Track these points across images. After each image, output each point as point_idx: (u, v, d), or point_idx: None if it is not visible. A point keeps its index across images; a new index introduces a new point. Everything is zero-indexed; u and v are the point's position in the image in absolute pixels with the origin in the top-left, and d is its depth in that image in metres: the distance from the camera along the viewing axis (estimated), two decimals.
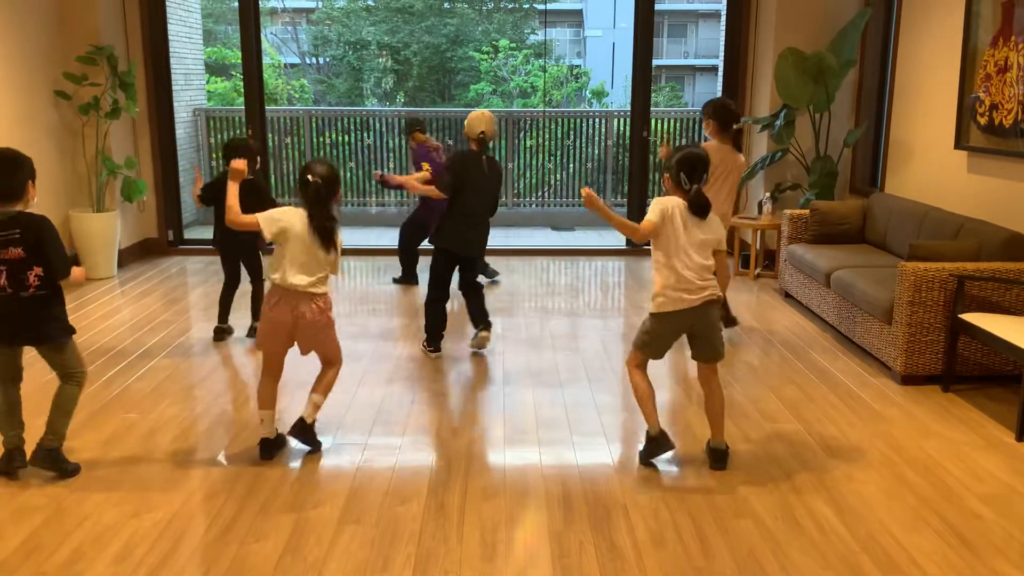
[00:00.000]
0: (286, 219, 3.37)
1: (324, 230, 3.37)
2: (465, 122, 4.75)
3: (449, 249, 4.72)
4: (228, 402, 4.16)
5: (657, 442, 3.44)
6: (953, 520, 3.07)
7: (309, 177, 3.37)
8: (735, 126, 4.77)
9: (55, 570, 2.71)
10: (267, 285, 3.59)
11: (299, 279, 3.37)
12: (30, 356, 3.33)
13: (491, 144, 4.82)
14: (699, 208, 3.30)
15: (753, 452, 3.62)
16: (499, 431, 3.84)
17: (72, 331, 3.34)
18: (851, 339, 5.07)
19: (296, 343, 3.51)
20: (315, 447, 3.60)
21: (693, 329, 3.38)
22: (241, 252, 5.04)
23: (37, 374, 3.87)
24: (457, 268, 4.83)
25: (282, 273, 3.37)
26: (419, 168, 6.13)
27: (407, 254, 6.56)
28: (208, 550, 2.84)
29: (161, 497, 3.19)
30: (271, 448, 3.54)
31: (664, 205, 3.32)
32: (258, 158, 5.15)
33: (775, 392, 4.33)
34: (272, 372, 3.55)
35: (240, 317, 5.25)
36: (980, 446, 3.70)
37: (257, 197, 4.47)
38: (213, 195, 4.79)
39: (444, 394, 4.30)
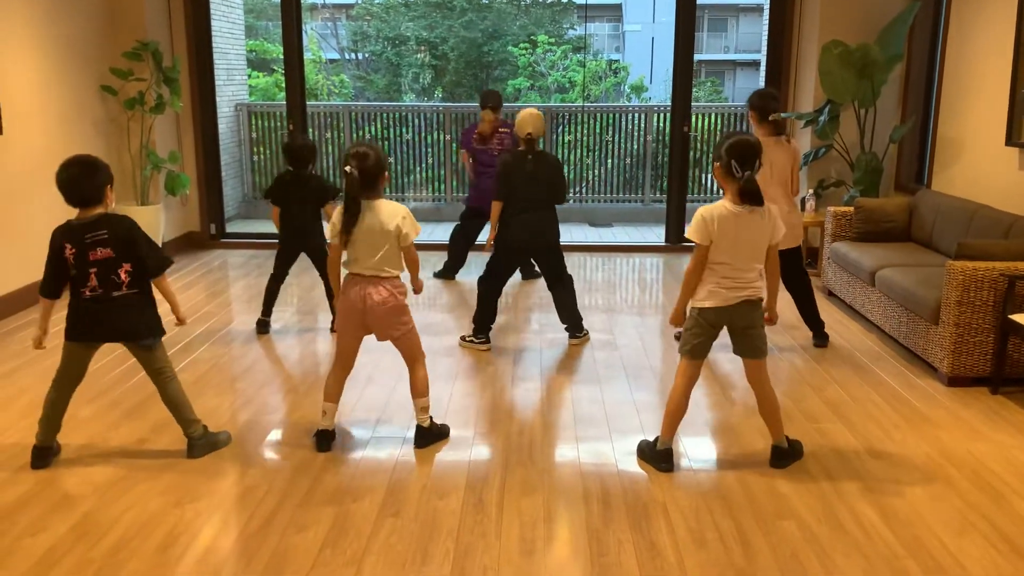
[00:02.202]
0: None
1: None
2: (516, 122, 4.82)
3: (509, 248, 4.83)
4: (270, 394, 4.20)
5: (660, 456, 3.41)
6: (1001, 525, 3.00)
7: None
8: (771, 117, 4.70)
9: (101, 557, 2.76)
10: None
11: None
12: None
13: (540, 141, 4.84)
14: (751, 196, 3.17)
15: None
16: (538, 427, 3.83)
17: (163, 332, 3.43)
18: (896, 339, 4.98)
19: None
20: (444, 434, 3.71)
21: (732, 325, 3.34)
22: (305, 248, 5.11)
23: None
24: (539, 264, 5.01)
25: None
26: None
27: (457, 247, 6.58)
28: (250, 541, 2.86)
29: (203, 488, 3.23)
30: (328, 440, 3.57)
31: (704, 217, 3.22)
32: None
33: (818, 392, 4.27)
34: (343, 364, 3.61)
35: (282, 312, 5.29)
36: None
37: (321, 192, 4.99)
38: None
39: (482, 389, 4.30)
